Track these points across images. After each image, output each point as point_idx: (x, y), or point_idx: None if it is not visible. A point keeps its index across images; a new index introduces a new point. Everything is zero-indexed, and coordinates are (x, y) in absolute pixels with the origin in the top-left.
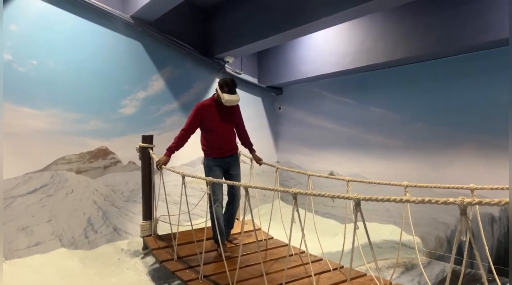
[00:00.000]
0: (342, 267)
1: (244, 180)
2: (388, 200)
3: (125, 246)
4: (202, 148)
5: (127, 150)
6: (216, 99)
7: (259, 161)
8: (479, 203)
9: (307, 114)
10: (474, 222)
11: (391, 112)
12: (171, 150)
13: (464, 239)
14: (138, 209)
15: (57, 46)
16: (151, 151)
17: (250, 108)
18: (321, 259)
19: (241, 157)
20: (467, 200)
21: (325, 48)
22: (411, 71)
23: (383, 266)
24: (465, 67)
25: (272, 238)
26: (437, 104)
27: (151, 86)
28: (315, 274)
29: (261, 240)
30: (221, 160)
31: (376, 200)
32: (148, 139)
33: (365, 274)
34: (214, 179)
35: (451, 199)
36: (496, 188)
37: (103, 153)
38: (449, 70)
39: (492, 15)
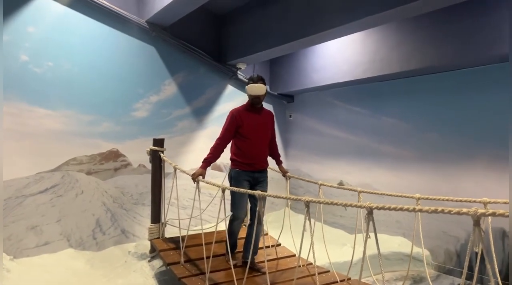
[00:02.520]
0: (349, 279)
1: None
2: (401, 209)
3: (132, 249)
4: (231, 158)
5: (137, 153)
6: (250, 105)
7: (285, 173)
8: (493, 214)
9: (318, 123)
10: (485, 235)
11: (404, 123)
12: (208, 161)
13: (476, 250)
14: (146, 212)
15: (73, 48)
16: (161, 154)
17: None
18: (328, 271)
19: None
20: (480, 211)
21: (338, 57)
22: (424, 82)
23: (390, 278)
24: (479, 79)
25: (280, 244)
26: (450, 116)
27: (163, 91)
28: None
29: (269, 247)
30: (250, 174)
31: (389, 209)
32: (159, 142)
33: None
34: (232, 188)
35: (465, 210)
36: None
37: (114, 155)
38: (463, 82)
39: (506, 27)
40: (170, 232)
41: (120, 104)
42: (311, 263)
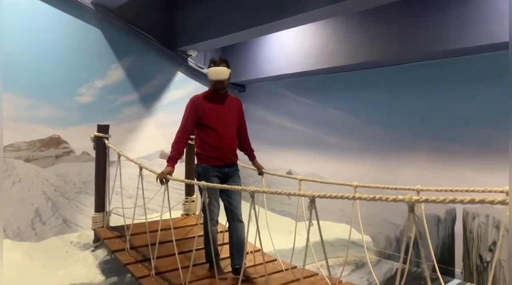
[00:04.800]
0: (295, 267)
1: None
2: (341, 197)
3: (74, 239)
4: (197, 152)
5: (81, 140)
6: (212, 91)
7: (261, 169)
8: (426, 200)
9: (268, 113)
10: (420, 222)
11: (350, 115)
12: (174, 159)
13: (411, 235)
14: (90, 201)
15: (11, 27)
16: (106, 141)
17: None
18: (275, 260)
19: None
20: (415, 197)
21: (289, 48)
22: (370, 76)
23: (334, 264)
24: (421, 75)
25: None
26: (394, 109)
27: (109, 75)
28: (268, 274)
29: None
30: (219, 169)
31: (330, 197)
32: (103, 128)
33: (317, 274)
34: (209, 184)
35: (400, 197)
36: (441, 190)
37: (55, 142)
38: (406, 77)
39: (448, 26)
40: (115, 221)
41: (63, 88)
42: (259, 250)
